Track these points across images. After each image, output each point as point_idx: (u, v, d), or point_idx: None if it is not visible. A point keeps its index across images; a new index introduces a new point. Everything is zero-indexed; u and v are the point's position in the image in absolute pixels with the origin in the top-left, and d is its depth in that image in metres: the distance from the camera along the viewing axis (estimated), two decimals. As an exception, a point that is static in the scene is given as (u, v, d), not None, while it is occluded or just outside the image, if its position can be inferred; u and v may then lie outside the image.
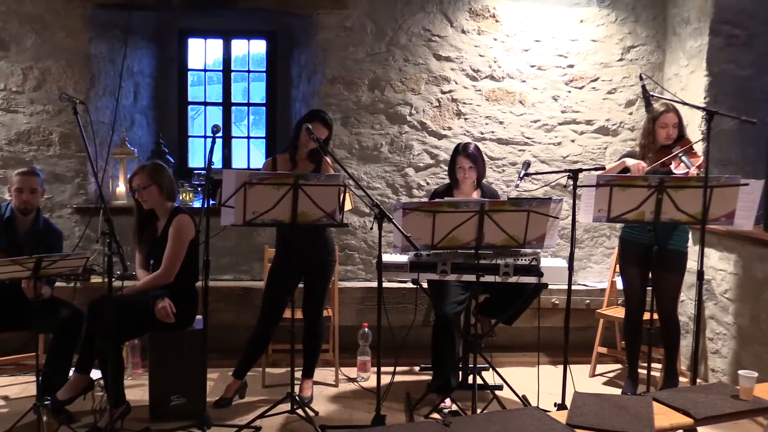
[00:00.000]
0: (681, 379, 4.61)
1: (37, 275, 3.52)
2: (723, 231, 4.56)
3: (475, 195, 4.43)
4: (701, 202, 3.57)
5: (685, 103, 4.26)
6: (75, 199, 5.29)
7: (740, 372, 3.06)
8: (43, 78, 5.18)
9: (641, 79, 3.94)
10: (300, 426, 3.97)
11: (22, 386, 4.56)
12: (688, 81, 5.18)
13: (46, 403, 3.67)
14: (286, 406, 4.06)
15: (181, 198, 5.32)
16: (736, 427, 3.89)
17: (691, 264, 4.79)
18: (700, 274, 3.68)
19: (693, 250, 4.73)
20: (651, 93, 3.90)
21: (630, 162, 4.22)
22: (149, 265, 4.19)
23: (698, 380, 4.40)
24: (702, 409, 2.86)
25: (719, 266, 4.75)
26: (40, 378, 3.74)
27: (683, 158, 4.04)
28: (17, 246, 3.99)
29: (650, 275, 4.36)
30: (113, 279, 3.50)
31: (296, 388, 4.16)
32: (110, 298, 3.53)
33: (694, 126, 5.01)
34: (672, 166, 4.10)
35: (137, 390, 4.39)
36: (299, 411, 4.01)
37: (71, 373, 3.97)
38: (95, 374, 4.03)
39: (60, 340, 3.99)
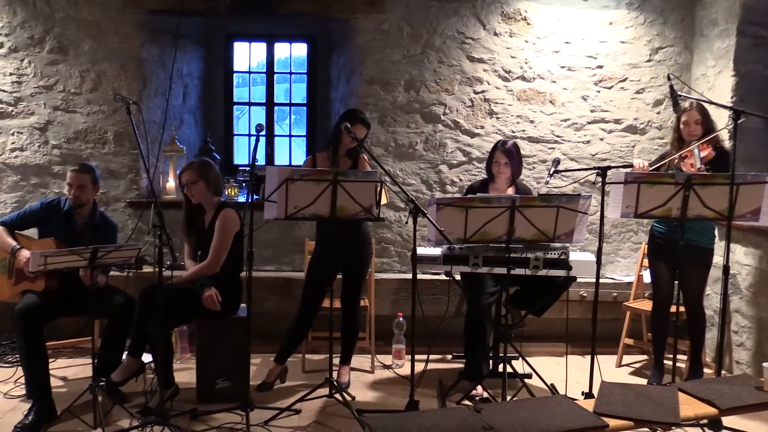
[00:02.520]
0: (706, 370, 4.54)
1: (93, 265, 3.58)
2: (749, 227, 4.47)
3: (510, 191, 4.39)
4: (727, 199, 3.50)
5: (712, 103, 4.18)
6: (128, 194, 5.37)
7: (765, 364, 3.01)
8: (99, 80, 5.27)
9: (669, 79, 3.87)
10: (337, 410, 3.99)
11: (79, 368, 4.66)
12: (715, 81, 5.09)
13: (101, 384, 3.74)
14: (325, 391, 4.08)
15: (226, 193, 5.37)
16: (759, 418, 3.81)
17: (717, 259, 4.71)
18: (726, 268, 3.61)
19: (719, 246, 4.64)
20: (678, 93, 3.83)
21: (635, 161, 4.22)
22: (197, 256, 4.24)
23: (723, 372, 4.32)
24: (727, 400, 2.81)
25: (745, 261, 4.66)
26: (96, 360, 3.81)
27: (695, 151, 3.97)
28: (75, 237, 4.06)
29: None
30: (163, 269, 3.56)
31: (334, 374, 4.18)
32: (160, 287, 3.59)
33: (721, 125, 4.90)
34: (686, 159, 4.06)
35: (185, 373, 4.45)
36: (337, 395, 4.03)
37: (124, 356, 4.04)
38: (146, 358, 4.10)
39: (114, 325, 4.06)
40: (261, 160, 5.97)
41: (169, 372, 4.06)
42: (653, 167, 4.19)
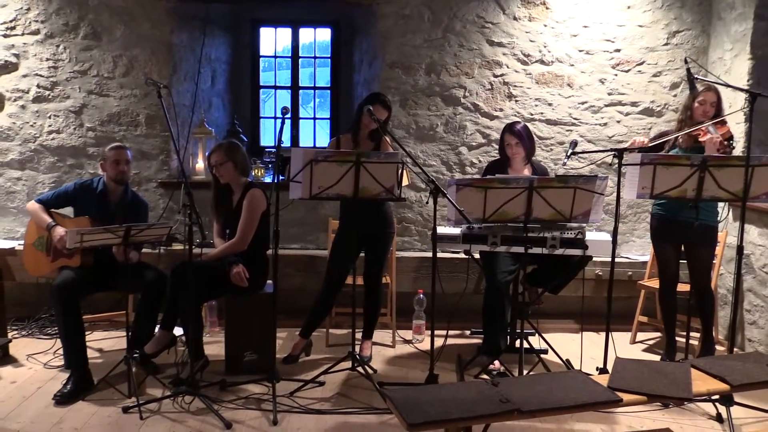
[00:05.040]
0: (718, 348, 4.50)
1: (126, 242, 3.63)
2: (763, 208, 4.41)
3: (526, 171, 4.36)
4: (742, 181, 3.45)
5: (728, 86, 4.11)
6: (159, 174, 5.42)
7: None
8: (131, 65, 5.30)
9: (686, 62, 3.80)
10: (360, 382, 4.02)
11: (114, 340, 4.73)
12: (732, 64, 4.99)
13: (135, 355, 3.80)
14: (348, 364, 4.11)
15: (253, 174, 5.39)
16: (771, 394, 3.79)
17: (731, 239, 4.67)
18: (740, 249, 3.57)
19: (733, 226, 4.59)
20: (695, 76, 3.76)
21: (636, 138, 4.14)
22: (225, 234, 4.27)
23: (735, 349, 4.28)
24: (738, 377, 2.79)
25: (758, 242, 4.60)
26: (130, 333, 3.86)
27: (710, 128, 3.91)
28: (109, 216, 4.10)
29: (683, 249, 4.25)
30: (193, 246, 3.59)
31: (357, 348, 4.20)
32: (191, 264, 3.62)
33: (737, 108, 4.83)
34: (699, 137, 3.98)
35: (214, 346, 4.50)
36: (359, 368, 4.07)
37: (157, 329, 4.09)
38: (178, 331, 4.15)
39: (146, 300, 4.11)
40: (286, 141, 5.98)
41: (199, 345, 4.11)
42: (654, 143, 4.11)
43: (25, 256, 4.24)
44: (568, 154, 4.11)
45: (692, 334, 4.08)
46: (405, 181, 3.92)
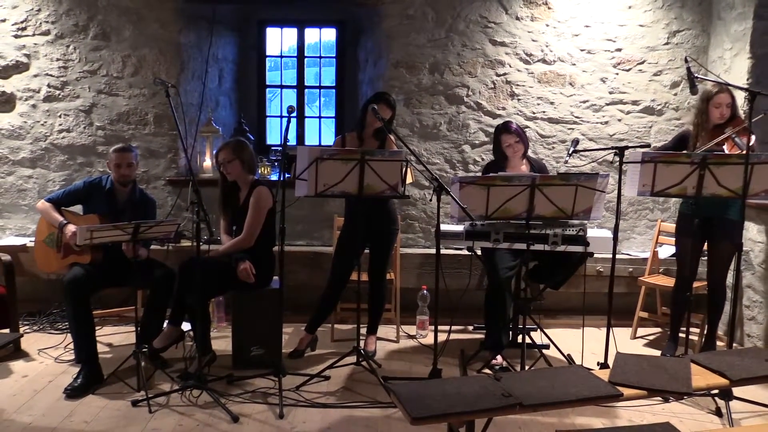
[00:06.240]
0: (718, 343, 4.49)
1: (135, 239, 3.64)
2: (762, 205, 4.39)
3: (524, 167, 4.36)
4: (742, 178, 3.44)
5: (729, 84, 4.09)
6: (167, 172, 5.42)
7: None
8: (139, 64, 5.30)
9: (686, 61, 3.78)
10: (364, 377, 4.02)
11: (123, 335, 4.74)
12: (731, 63, 4.98)
13: (144, 350, 3.81)
14: (352, 359, 4.11)
15: (260, 171, 5.39)
16: (770, 389, 3.79)
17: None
18: (739, 245, 3.56)
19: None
20: (695, 75, 3.75)
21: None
22: (232, 231, 4.27)
23: (734, 345, 4.27)
24: (738, 371, 2.78)
25: (758, 238, 4.58)
26: (139, 328, 3.87)
27: (735, 139, 3.88)
28: (117, 213, 4.10)
29: (705, 246, 4.21)
30: (201, 243, 3.60)
31: (361, 343, 4.20)
32: (198, 260, 3.63)
33: (737, 107, 4.81)
34: (725, 147, 3.94)
35: (222, 341, 4.51)
36: (364, 363, 4.07)
37: (165, 324, 4.10)
38: (186, 326, 4.16)
39: (155, 296, 4.12)
40: (292, 140, 5.98)
41: (207, 340, 4.12)
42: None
43: (36, 252, 4.25)
44: (570, 152, 4.11)
45: (692, 329, 4.07)
46: (409, 179, 3.91)
